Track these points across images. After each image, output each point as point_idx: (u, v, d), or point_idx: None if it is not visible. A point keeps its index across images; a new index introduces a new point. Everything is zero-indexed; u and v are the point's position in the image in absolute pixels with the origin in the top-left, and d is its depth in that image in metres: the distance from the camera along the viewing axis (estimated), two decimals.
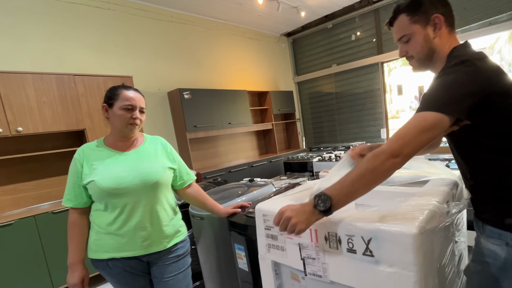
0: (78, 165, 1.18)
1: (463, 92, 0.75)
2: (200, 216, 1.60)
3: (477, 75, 0.75)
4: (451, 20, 0.88)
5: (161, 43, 3.67)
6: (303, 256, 0.95)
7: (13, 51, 2.55)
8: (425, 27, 0.87)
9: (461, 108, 0.75)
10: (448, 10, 0.87)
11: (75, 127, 2.59)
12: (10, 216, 2.26)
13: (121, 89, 1.20)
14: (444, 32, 0.87)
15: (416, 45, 0.89)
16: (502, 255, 0.81)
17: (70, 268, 1.18)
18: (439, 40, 0.87)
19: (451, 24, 0.88)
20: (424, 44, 0.88)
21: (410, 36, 0.89)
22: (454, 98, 0.75)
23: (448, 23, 0.87)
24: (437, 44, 0.87)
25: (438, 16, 0.85)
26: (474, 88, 0.74)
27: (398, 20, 0.91)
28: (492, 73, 0.77)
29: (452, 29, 0.88)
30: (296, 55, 5.57)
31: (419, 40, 0.88)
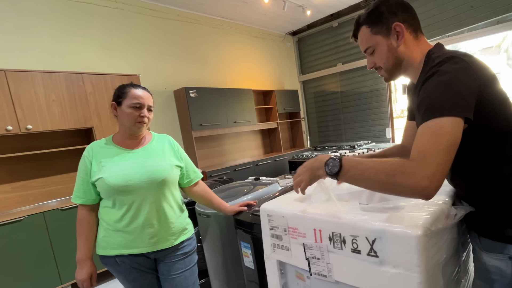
0: (87, 162, 1.20)
1: (464, 89, 0.69)
2: (206, 214, 1.61)
3: (470, 70, 0.71)
4: (415, 25, 0.85)
5: (167, 42, 3.69)
6: (307, 256, 0.96)
7: (22, 50, 2.59)
8: (387, 36, 0.84)
9: (468, 105, 0.69)
10: (409, 15, 0.84)
11: (83, 125, 2.62)
12: (20, 212, 2.31)
13: (129, 88, 1.22)
14: (409, 38, 0.84)
15: (382, 56, 0.87)
16: (508, 271, 0.76)
17: (78, 264, 1.21)
18: (405, 47, 0.84)
19: (415, 29, 0.85)
20: (389, 54, 0.86)
21: (374, 47, 0.88)
22: (459, 97, 0.68)
23: (412, 29, 0.84)
24: (403, 52, 0.85)
25: (398, 24, 0.82)
26: (472, 83, 0.70)
27: (360, 32, 0.91)
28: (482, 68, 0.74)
29: (418, 33, 0.86)
30: (301, 54, 5.56)
31: (383, 51, 0.86)
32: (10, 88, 2.25)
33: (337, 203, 0.92)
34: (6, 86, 2.24)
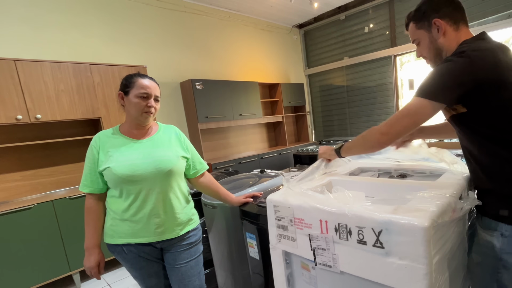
0: (95, 151, 1.21)
1: (450, 80, 0.82)
2: (212, 205, 1.63)
3: (468, 65, 0.80)
4: (457, 18, 0.94)
5: (174, 33, 3.68)
6: (313, 246, 0.97)
7: (31, 40, 2.60)
8: (429, 30, 0.97)
9: (447, 95, 0.83)
10: (451, 9, 0.94)
11: (91, 116, 2.65)
12: (29, 200, 2.35)
13: (137, 77, 1.22)
14: (449, 30, 0.94)
15: (425, 47, 1.01)
16: (497, 246, 0.86)
17: (86, 251, 1.23)
18: (444, 39, 0.95)
19: (457, 21, 0.94)
20: (430, 46, 0.99)
21: (419, 40, 1.02)
22: (441, 86, 0.83)
23: (453, 21, 0.94)
24: (443, 43, 0.95)
25: (437, 20, 0.94)
26: (463, 77, 0.81)
27: (409, 27, 1.05)
28: (487, 64, 0.81)
29: (459, 25, 0.94)
30: (308, 47, 5.50)
31: (426, 43, 1.00)
32: (20, 78, 2.27)
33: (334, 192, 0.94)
34: (16, 76, 2.26)
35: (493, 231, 0.87)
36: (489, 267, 0.89)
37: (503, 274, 0.86)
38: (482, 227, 0.92)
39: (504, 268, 0.85)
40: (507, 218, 0.84)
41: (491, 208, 0.88)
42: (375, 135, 0.96)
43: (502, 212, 0.85)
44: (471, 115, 0.85)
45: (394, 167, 1.31)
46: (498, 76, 0.80)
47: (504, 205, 0.85)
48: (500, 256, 0.86)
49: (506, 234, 0.84)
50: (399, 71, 4.50)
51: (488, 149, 0.86)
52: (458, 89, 0.81)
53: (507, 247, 0.84)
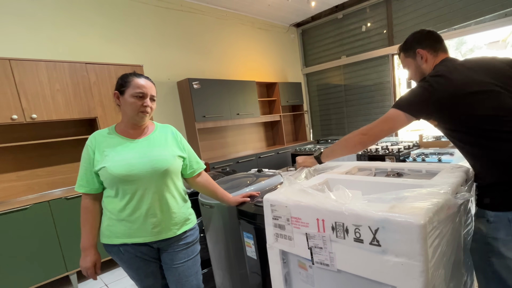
0: (90, 151, 1.20)
1: (416, 99, 1.03)
2: (209, 204, 1.63)
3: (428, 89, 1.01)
4: (436, 47, 1.14)
5: (170, 33, 3.67)
6: (310, 245, 0.97)
7: (26, 39, 2.58)
8: (414, 58, 1.18)
9: (413, 109, 1.03)
10: (432, 41, 1.14)
11: (87, 115, 2.63)
12: (25, 201, 2.33)
13: (132, 77, 1.21)
14: (429, 58, 1.14)
15: (412, 72, 1.21)
16: (484, 231, 0.97)
17: (83, 252, 1.22)
18: (426, 65, 1.15)
19: (436, 49, 1.14)
20: (416, 71, 1.19)
21: (408, 66, 1.22)
22: (410, 102, 1.04)
23: (433, 50, 1.14)
24: (425, 68, 1.15)
25: (420, 50, 1.15)
26: (425, 97, 1.01)
27: (400, 55, 1.26)
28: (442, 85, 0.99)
29: (438, 52, 1.14)
30: (305, 46, 5.51)
31: (413, 69, 1.20)
32: (14, 77, 2.25)
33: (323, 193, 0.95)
34: (11, 75, 2.24)
35: (481, 218, 0.99)
36: (482, 253, 0.99)
37: (492, 259, 0.95)
38: (475, 216, 1.04)
39: (492, 252, 0.95)
40: (489, 205, 0.96)
41: (479, 198, 1.01)
42: (357, 136, 1.13)
43: (485, 200, 0.98)
44: (443, 125, 1.04)
45: (391, 166, 1.32)
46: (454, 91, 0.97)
47: (486, 194, 0.98)
48: (487, 240, 0.96)
49: (491, 220, 0.95)
50: (397, 70, 4.51)
51: (465, 150, 1.02)
52: (423, 106, 1.02)
53: (491, 232, 0.95)
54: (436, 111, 1.00)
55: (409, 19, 4.10)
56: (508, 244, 0.91)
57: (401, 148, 2.53)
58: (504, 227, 0.92)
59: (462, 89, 0.96)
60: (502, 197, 0.93)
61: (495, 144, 0.93)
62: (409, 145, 2.68)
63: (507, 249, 0.91)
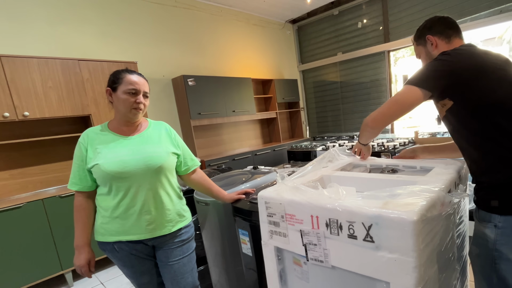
0: (83, 149, 1.19)
1: (432, 70, 0.96)
2: (205, 202, 1.62)
3: (447, 60, 0.95)
4: (448, 33, 1.09)
5: (165, 29, 3.63)
6: (304, 242, 0.97)
7: (18, 35, 2.54)
8: (425, 45, 1.14)
9: (431, 83, 0.94)
10: (443, 27, 1.09)
11: (81, 113, 2.60)
12: (19, 199, 2.31)
13: (124, 73, 1.20)
14: (441, 44, 1.09)
15: (424, 60, 1.17)
16: (491, 236, 0.90)
17: (76, 250, 1.22)
18: (437, 51, 1.09)
19: (449, 35, 1.08)
20: (427, 58, 1.14)
21: (420, 54, 1.19)
22: (426, 75, 0.96)
23: (445, 36, 1.09)
24: (436, 55, 1.06)
25: (429, 36, 1.11)
26: (443, 68, 0.94)
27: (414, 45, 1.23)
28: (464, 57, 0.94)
29: (451, 39, 1.08)
30: (301, 42, 5.49)
31: (424, 56, 1.16)
32: (6, 74, 2.22)
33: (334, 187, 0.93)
34: (2, 72, 2.20)
35: (487, 223, 0.91)
36: (487, 258, 0.92)
37: (500, 265, 0.89)
38: (479, 220, 0.96)
39: (500, 259, 0.88)
40: (498, 208, 0.88)
41: (484, 200, 0.92)
42: (367, 121, 1.11)
43: (493, 203, 0.89)
44: (458, 107, 0.93)
45: (386, 163, 1.32)
46: (475, 66, 0.91)
47: (494, 196, 0.89)
48: (495, 247, 0.89)
49: (499, 226, 0.88)
50: (393, 67, 4.53)
51: (475, 142, 0.93)
52: (441, 78, 0.93)
53: (501, 238, 0.88)
54: (456, 85, 0.91)
55: (405, 16, 4.10)
56: None
57: (396, 144, 2.54)
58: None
59: (485, 64, 0.91)
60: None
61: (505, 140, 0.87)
62: (404, 142, 2.69)
63: None
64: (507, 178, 0.87)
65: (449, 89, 0.92)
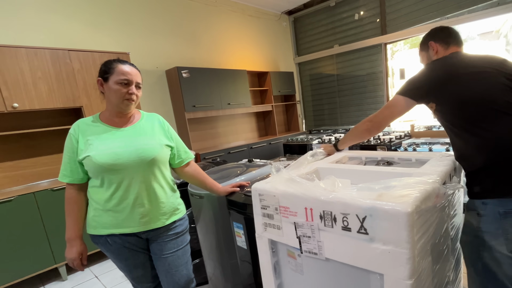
0: (74, 140, 1.17)
1: (414, 82, 1.12)
2: (199, 195, 1.61)
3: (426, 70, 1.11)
4: (448, 41, 1.19)
5: (158, 19, 3.55)
6: (298, 234, 0.96)
7: (5, 24, 2.46)
8: (427, 51, 1.26)
9: (412, 92, 1.11)
10: (444, 35, 1.21)
11: (72, 104, 2.55)
12: (10, 192, 2.27)
13: (116, 63, 1.17)
14: (440, 50, 1.20)
15: (424, 63, 1.28)
16: (474, 224, 0.96)
17: (68, 243, 1.20)
18: (436, 57, 1.20)
19: (448, 43, 1.19)
20: (427, 60, 1.26)
21: (422, 60, 1.31)
22: (411, 86, 1.12)
23: (445, 43, 1.20)
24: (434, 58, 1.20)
25: (431, 42, 1.23)
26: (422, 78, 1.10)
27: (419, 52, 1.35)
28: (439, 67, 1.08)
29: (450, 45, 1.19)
30: (297, 34, 5.43)
31: (425, 61, 1.28)
32: None
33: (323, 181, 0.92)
34: None
35: (472, 211, 0.98)
36: (473, 246, 0.98)
37: (483, 252, 0.94)
38: (466, 209, 1.02)
39: (482, 246, 0.94)
40: (479, 194, 0.96)
41: (469, 187, 1.00)
42: (364, 124, 1.25)
43: (475, 189, 0.97)
44: (441, 108, 1.06)
45: (381, 155, 1.32)
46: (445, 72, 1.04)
47: (476, 182, 0.97)
48: (477, 234, 0.95)
49: (481, 213, 0.94)
50: (390, 60, 4.50)
51: (457, 135, 1.03)
52: (420, 88, 1.09)
53: (482, 226, 0.93)
54: (431, 91, 1.05)
55: (402, 8, 4.07)
56: (498, 238, 0.90)
57: (392, 138, 2.54)
58: (494, 220, 0.91)
59: (455, 70, 1.04)
60: (492, 183, 0.92)
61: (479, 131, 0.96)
62: (400, 135, 2.69)
63: (498, 243, 0.90)
64: (484, 162, 0.94)
65: (429, 94, 1.07)
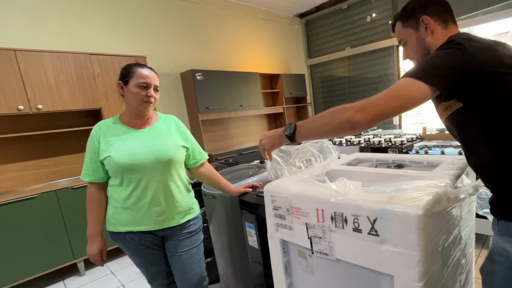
0: (95, 141, 1.22)
1: (443, 64, 0.75)
2: (212, 194, 1.65)
3: (460, 52, 0.74)
4: (445, 17, 0.89)
5: (174, 23, 3.64)
6: (310, 235, 0.98)
7: (31, 30, 2.59)
8: (416, 29, 0.91)
9: (440, 79, 0.74)
10: (440, 8, 0.89)
11: (92, 106, 2.65)
12: (33, 190, 2.38)
13: (136, 67, 1.22)
14: (437, 29, 0.89)
15: (412, 47, 0.94)
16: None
17: (89, 239, 1.26)
18: (432, 38, 0.89)
19: (446, 20, 0.89)
20: (417, 46, 0.92)
21: (406, 40, 0.95)
22: (433, 68, 0.75)
23: (442, 20, 0.89)
24: (431, 42, 0.89)
25: (426, 17, 0.88)
26: (455, 62, 0.74)
27: (396, 27, 0.99)
28: (480, 50, 0.74)
29: (448, 24, 0.89)
30: (309, 37, 5.44)
31: (413, 43, 0.93)
32: (20, 68, 2.27)
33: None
34: (16, 66, 2.26)
35: (509, 237, 0.76)
36: (503, 278, 0.79)
37: None
38: (498, 233, 0.80)
39: None
40: None
41: (507, 209, 0.75)
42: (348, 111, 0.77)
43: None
44: (469, 109, 0.77)
45: (392, 158, 1.32)
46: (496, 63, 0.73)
47: None
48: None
49: None
50: (402, 62, 4.45)
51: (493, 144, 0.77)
52: (453, 75, 0.74)
53: None
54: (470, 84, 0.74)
55: None
56: None
57: (404, 140, 2.52)
58: None
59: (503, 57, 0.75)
60: None
61: None
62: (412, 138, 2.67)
63: None
64: None
65: (460, 88, 0.75)
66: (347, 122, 0.78)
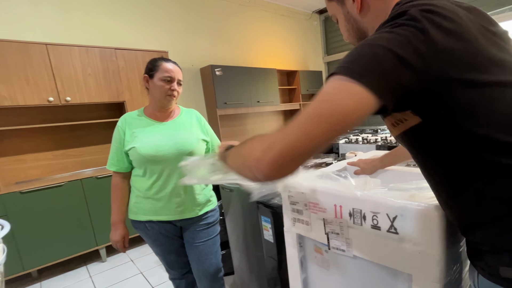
0: (121, 132, 1.27)
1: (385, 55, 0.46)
2: (229, 188, 1.68)
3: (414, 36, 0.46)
4: None
5: (194, 19, 3.69)
6: (327, 231, 0.98)
7: (60, 24, 2.69)
8: (342, 3, 0.65)
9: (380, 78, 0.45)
10: None
11: (116, 99, 2.74)
12: (60, 178, 2.50)
13: (161, 61, 1.26)
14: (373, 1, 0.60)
15: (342, 28, 0.69)
16: None
17: (112, 226, 1.32)
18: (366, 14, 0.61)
19: None
20: (347, 25, 0.66)
21: (336, 17, 0.70)
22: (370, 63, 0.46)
23: None
24: (366, 21, 0.62)
25: None
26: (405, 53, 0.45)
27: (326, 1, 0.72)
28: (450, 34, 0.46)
29: None
30: (327, 33, 5.35)
31: (342, 22, 0.68)
32: (51, 61, 2.38)
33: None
34: (48, 59, 2.36)
35: None
36: None
37: None
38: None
39: None
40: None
41: (487, 265, 0.54)
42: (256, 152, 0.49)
43: (503, 272, 0.51)
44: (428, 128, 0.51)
45: None
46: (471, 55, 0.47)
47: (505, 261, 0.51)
48: None
49: None
50: None
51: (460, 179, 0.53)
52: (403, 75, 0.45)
53: None
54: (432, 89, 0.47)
55: None
56: None
57: None
58: None
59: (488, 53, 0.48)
60: None
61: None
62: None
63: None
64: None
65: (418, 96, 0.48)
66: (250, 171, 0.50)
